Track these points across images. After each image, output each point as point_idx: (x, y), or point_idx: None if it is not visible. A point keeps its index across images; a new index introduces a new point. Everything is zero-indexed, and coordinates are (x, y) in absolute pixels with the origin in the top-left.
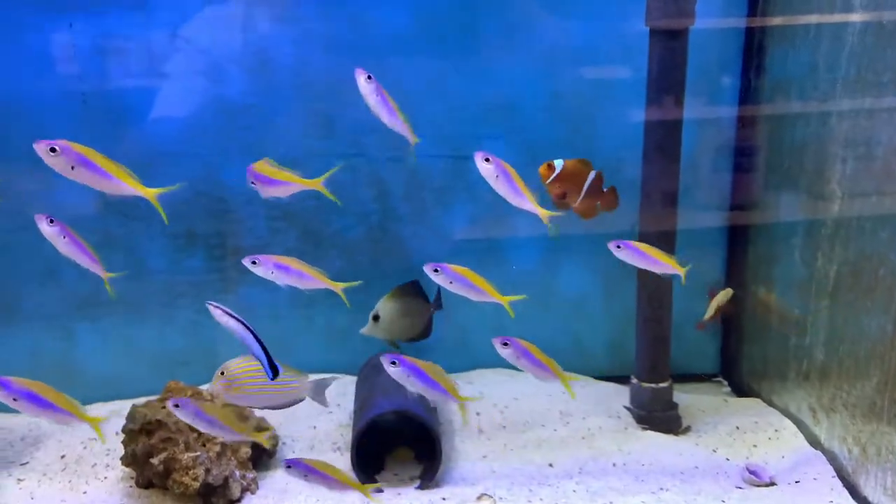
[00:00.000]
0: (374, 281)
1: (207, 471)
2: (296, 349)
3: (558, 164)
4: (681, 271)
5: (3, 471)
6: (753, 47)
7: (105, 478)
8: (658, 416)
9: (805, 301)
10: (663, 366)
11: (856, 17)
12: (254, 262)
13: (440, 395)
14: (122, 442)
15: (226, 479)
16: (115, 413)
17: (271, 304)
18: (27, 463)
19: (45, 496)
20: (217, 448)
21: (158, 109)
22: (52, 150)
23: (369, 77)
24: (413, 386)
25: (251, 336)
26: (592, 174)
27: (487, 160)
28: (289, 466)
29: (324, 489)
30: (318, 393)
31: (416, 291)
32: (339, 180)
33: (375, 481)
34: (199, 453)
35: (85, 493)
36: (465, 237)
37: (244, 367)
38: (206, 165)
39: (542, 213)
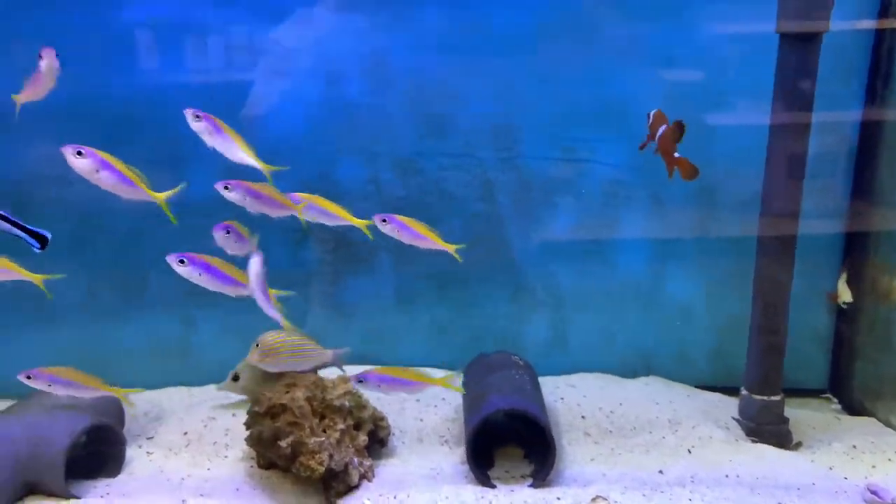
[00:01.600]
0: (477, 281)
1: (331, 456)
2: (399, 343)
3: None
4: (449, 248)
5: (133, 443)
6: (882, 52)
7: (225, 456)
8: (769, 429)
9: None
10: (776, 378)
11: None
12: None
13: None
14: (246, 423)
15: (346, 466)
16: (228, 396)
17: (376, 296)
18: (152, 437)
19: (173, 469)
20: (336, 435)
21: (279, 107)
22: (79, 153)
23: (198, 116)
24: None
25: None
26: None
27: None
28: (360, 381)
29: (403, 393)
30: (337, 361)
31: None
32: (447, 179)
33: (489, 478)
34: (323, 439)
35: (208, 469)
36: (571, 239)
37: (277, 338)
38: (321, 162)
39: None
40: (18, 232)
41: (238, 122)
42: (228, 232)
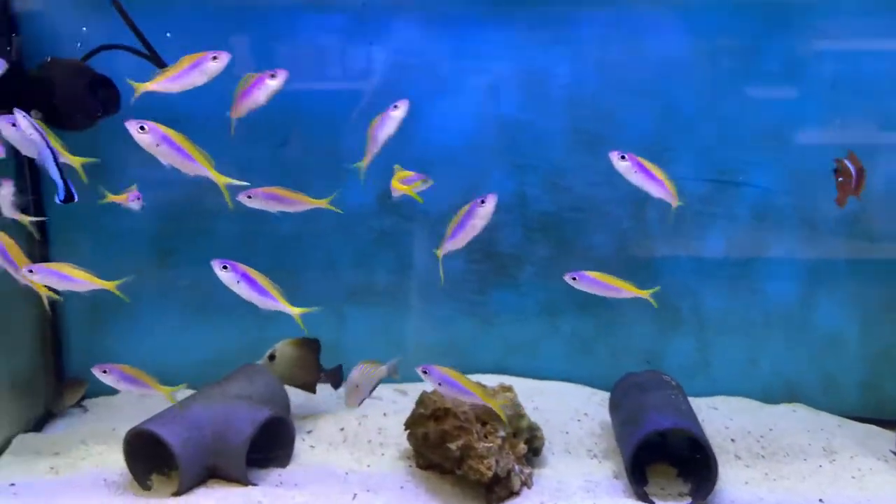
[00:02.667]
0: (621, 299)
1: (497, 461)
2: (539, 354)
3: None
4: (644, 294)
5: (297, 436)
6: None
7: (382, 454)
8: None
9: None
10: None
11: None
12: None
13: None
14: (407, 423)
15: (508, 472)
16: (377, 395)
17: (519, 308)
18: (311, 431)
19: (335, 464)
20: (498, 441)
21: (438, 122)
22: (142, 128)
23: (142, 127)
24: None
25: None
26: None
27: None
28: (424, 371)
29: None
30: (392, 370)
31: (315, 350)
32: (596, 196)
33: (646, 493)
34: (490, 444)
35: (368, 466)
36: (719, 260)
37: (361, 375)
38: (476, 175)
39: None
40: (57, 177)
41: (399, 133)
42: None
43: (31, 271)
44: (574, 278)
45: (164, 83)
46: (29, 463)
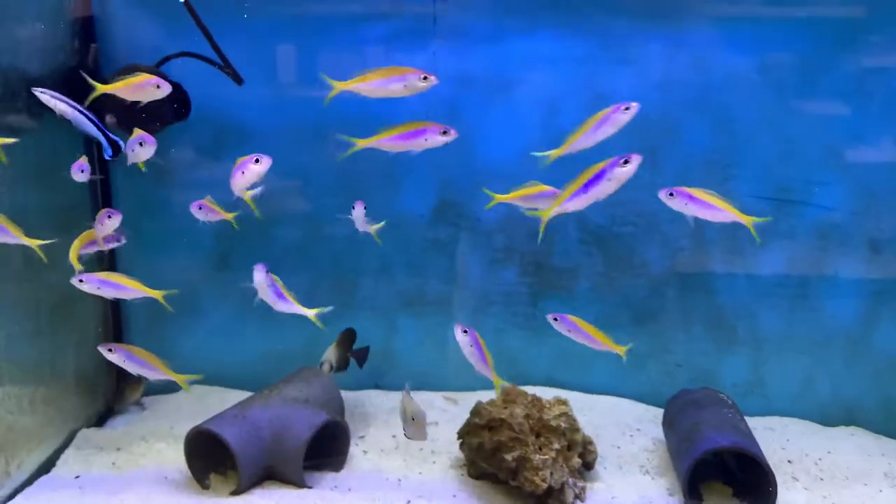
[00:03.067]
0: (676, 315)
1: (551, 474)
2: (590, 370)
3: None
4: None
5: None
6: None
7: (434, 462)
8: None
9: None
10: None
11: None
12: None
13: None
14: (461, 432)
15: (562, 485)
16: (426, 403)
17: None
18: (363, 437)
19: (388, 470)
20: (552, 454)
21: (496, 134)
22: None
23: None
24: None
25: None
26: None
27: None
28: (555, 319)
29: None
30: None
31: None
32: (653, 211)
33: None
34: (546, 456)
35: (420, 473)
36: (778, 280)
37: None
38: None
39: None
40: (99, 135)
41: (453, 146)
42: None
43: (80, 280)
44: (555, 318)
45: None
46: (91, 458)
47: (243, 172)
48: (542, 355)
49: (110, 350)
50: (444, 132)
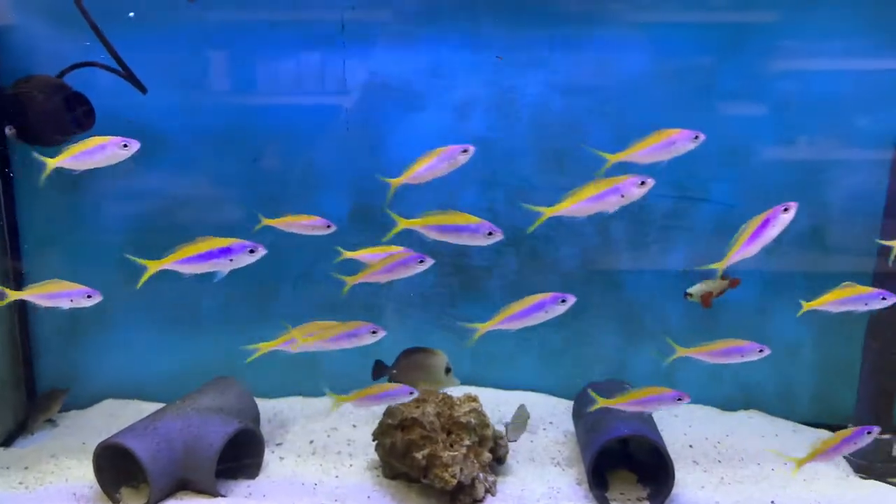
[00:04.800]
0: (589, 311)
1: (461, 469)
2: (509, 367)
3: None
4: None
5: (266, 448)
6: None
7: (350, 465)
8: (879, 467)
9: None
10: (887, 418)
11: None
12: None
13: None
14: (375, 434)
15: (473, 480)
16: (347, 408)
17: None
18: (281, 444)
19: (305, 475)
20: (463, 450)
21: (408, 139)
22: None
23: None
24: None
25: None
26: None
27: None
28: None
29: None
30: None
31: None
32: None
33: (607, 500)
34: (455, 453)
35: (337, 477)
36: (681, 274)
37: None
38: (446, 192)
39: None
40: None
41: (367, 151)
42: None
43: None
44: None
45: None
46: None
47: (104, 148)
48: (462, 355)
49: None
50: (465, 150)
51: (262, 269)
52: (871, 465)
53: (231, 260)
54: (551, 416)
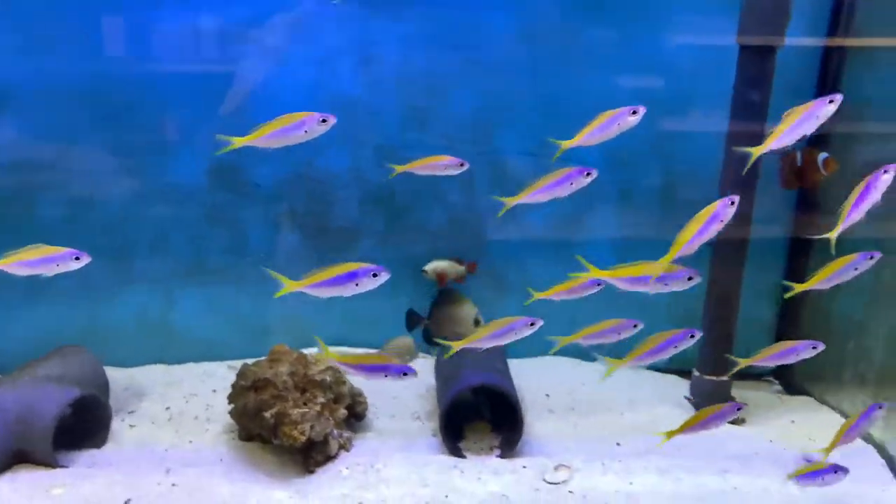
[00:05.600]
0: None
1: (312, 427)
2: (379, 327)
3: None
4: None
5: (115, 417)
6: (830, 69)
7: (207, 430)
8: None
9: (867, 307)
10: (724, 362)
11: None
12: None
13: None
14: (230, 397)
15: (326, 437)
16: (208, 373)
17: None
18: (134, 412)
19: (156, 442)
20: (317, 408)
21: (272, 96)
22: None
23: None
24: None
25: None
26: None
27: None
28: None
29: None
30: None
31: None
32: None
33: (460, 449)
34: (305, 410)
35: (191, 442)
36: (543, 230)
37: None
38: (308, 150)
39: None
40: None
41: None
42: None
43: None
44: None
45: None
46: None
47: None
48: (331, 317)
49: None
50: (324, 120)
51: (116, 232)
52: (709, 405)
53: (357, 284)
54: (419, 372)
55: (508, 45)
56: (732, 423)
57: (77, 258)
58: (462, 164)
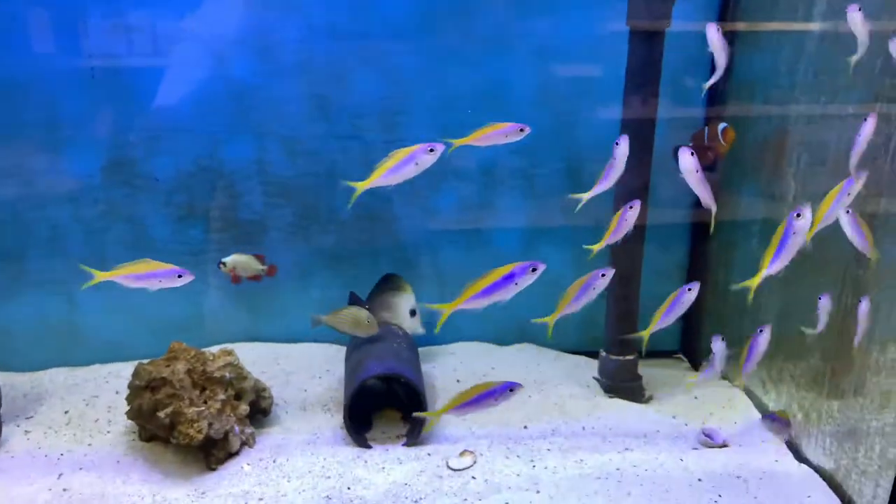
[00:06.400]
0: (365, 257)
1: (210, 424)
2: (291, 320)
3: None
4: None
5: (10, 423)
6: None
7: (108, 432)
8: (624, 385)
9: (760, 285)
10: (629, 341)
11: (814, 26)
12: None
13: None
14: (127, 398)
15: (226, 434)
16: (113, 374)
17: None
18: (32, 417)
19: (51, 446)
20: (217, 405)
21: (165, 87)
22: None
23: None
24: None
25: None
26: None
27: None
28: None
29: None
30: None
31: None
32: (334, 161)
33: (365, 438)
34: (202, 408)
35: (89, 444)
36: (454, 219)
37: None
38: (210, 142)
39: None
40: None
41: (124, 103)
42: None
43: None
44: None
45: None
46: None
47: None
48: (240, 311)
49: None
50: (431, 150)
51: (8, 231)
52: (616, 385)
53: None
54: (329, 363)
55: (409, 32)
56: (639, 401)
57: (179, 276)
58: (522, 129)
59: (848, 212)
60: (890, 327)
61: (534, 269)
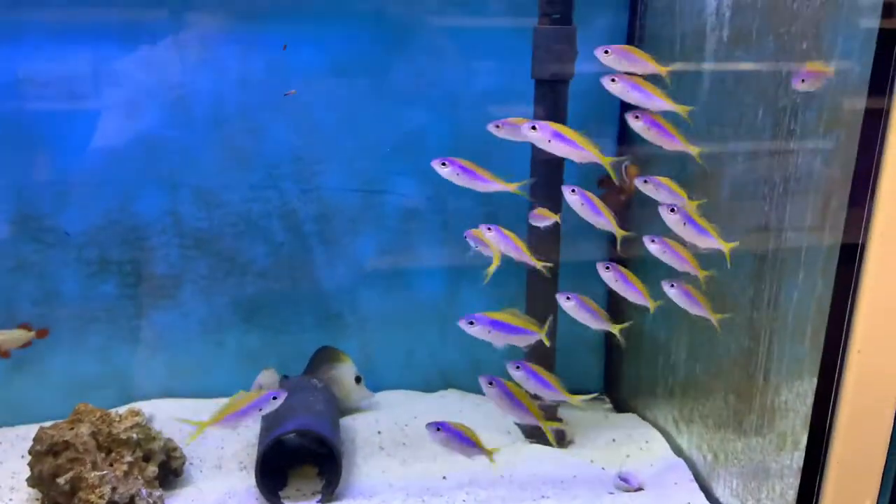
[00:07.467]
0: (285, 308)
1: (114, 489)
2: (207, 374)
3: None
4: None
5: None
6: None
7: (10, 500)
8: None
9: (670, 325)
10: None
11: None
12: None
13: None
14: (29, 464)
15: (132, 498)
16: (21, 437)
17: (182, 328)
18: None
19: None
20: (124, 468)
21: (74, 139)
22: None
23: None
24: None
25: None
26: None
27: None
28: (438, 429)
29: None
30: None
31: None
32: (252, 210)
33: (279, 497)
34: (105, 472)
35: None
36: (374, 265)
37: None
38: (121, 195)
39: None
40: None
41: (32, 154)
42: None
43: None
44: (470, 322)
45: None
46: None
47: None
48: (156, 367)
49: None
50: (275, 397)
51: None
52: (537, 430)
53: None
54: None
55: (322, 81)
56: (560, 445)
57: (275, 398)
58: (275, 398)
59: (673, 209)
60: (782, 369)
61: (275, 398)
